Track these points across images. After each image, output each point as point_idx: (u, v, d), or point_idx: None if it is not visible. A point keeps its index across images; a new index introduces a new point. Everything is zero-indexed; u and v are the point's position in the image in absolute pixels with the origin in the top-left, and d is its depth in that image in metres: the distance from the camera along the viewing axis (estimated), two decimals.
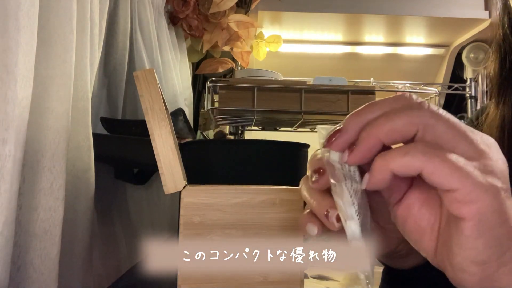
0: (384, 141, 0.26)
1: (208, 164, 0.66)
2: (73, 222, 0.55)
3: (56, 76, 0.49)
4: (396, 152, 0.25)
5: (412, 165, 0.24)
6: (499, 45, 0.55)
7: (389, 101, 0.27)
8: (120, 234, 0.87)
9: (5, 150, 0.38)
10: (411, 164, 0.24)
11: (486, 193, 0.24)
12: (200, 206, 0.35)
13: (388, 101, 0.27)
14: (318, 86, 1.07)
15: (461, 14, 1.33)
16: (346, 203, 0.27)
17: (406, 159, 0.24)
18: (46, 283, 0.45)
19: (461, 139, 0.25)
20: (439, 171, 0.24)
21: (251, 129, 1.40)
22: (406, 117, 0.25)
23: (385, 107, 0.27)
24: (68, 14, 0.51)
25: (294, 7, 1.32)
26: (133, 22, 0.90)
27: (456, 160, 0.24)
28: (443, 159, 0.24)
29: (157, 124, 0.34)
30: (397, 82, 1.42)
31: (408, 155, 0.24)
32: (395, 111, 0.26)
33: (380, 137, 0.26)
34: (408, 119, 0.25)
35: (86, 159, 0.57)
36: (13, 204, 0.40)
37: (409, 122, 0.25)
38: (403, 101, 0.27)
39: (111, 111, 0.85)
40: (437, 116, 0.25)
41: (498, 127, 0.53)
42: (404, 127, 0.25)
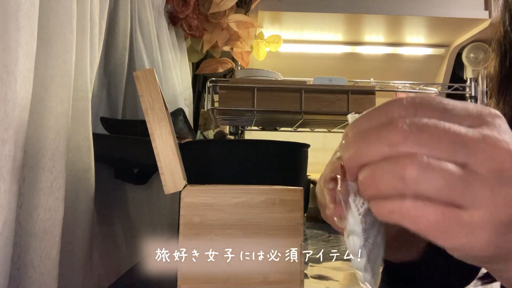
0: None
1: (208, 164, 0.66)
2: (73, 222, 0.55)
3: (56, 76, 0.49)
4: (383, 206, 0.24)
5: (399, 222, 0.23)
6: (499, 43, 0.54)
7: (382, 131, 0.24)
8: (120, 234, 0.87)
9: (5, 150, 0.38)
10: (398, 222, 0.23)
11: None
12: (200, 206, 0.35)
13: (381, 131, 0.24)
14: (318, 86, 1.07)
15: (461, 14, 1.33)
16: (352, 218, 0.26)
17: (392, 218, 0.23)
18: (46, 283, 0.45)
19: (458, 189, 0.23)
20: (427, 231, 0.23)
21: (251, 129, 1.40)
22: (391, 185, 0.23)
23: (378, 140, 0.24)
24: (68, 14, 0.51)
25: (294, 7, 1.32)
26: (133, 22, 0.90)
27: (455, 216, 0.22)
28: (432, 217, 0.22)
29: (157, 124, 0.34)
30: (397, 82, 1.42)
31: (393, 215, 0.23)
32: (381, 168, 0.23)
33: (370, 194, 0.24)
34: (393, 186, 0.23)
35: (86, 159, 0.57)
36: (13, 204, 0.40)
37: (394, 190, 0.23)
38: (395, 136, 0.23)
39: (111, 111, 0.85)
40: (427, 171, 0.22)
41: None
42: (390, 193, 0.23)
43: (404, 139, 0.23)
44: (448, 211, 0.22)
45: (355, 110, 1.03)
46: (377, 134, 0.24)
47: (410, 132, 0.23)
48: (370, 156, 0.24)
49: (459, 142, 0.22)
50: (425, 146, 0.22)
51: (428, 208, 0.22)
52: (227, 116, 1.11)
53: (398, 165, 0.23)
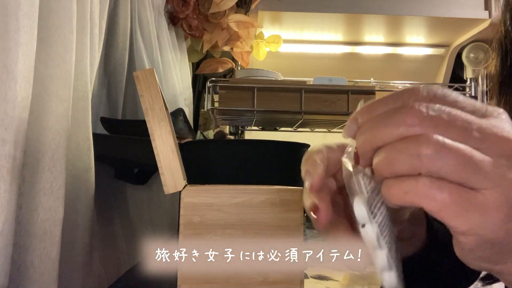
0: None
1: (208, 164, 0.66)
2: (73, 222, 0.55)
3: (56, 76, 0.49)
4: (397, 188, 0.24)
5: (413, 203, 0.23)
6: (500, 43, 0.54)
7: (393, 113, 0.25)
8: (120, 234, 0.87)
9: (5, 150, 0.38)
10: (412, 203, 0.24)
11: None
12: (200, 206, 0.35)
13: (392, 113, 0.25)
14: (318, 86, 1.07)
15: (461, 14, 1.33)
16: (373, 238, 0.25)
17: (406, 199, 0.23)
18: (46, 283, 0.45)
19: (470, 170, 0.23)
20: (440, 211, 0.23)
21: (251, 129, 1.40)
22: (407, 163, 0.23)
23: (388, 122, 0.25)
24: (68, 14, 0.51)
25: (294, 7, 1.32)
26: (133, 22, 0.90)
27: (464, 197, 0.23)
28: (446, 196, 0.23)
29: (157, 124, 0.34)
30: (397, 82, 1.42)
31: (408, 195, 0.23)
32: (395, 147, 0.24)
33: (386, 175, 0.25)
34: (409, 164, 0.23)
35: (86, 159, 0.57)
36: (13, 204, 0.40)
37: (410, 167, 0.23)
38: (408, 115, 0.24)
39: (111, 111, 0.85)
40: (442, 150, 0.23)
41: None
42: (406, 171, 0.24)
43: (420, 120, 0.23)
44: (463, 191, 0.23)
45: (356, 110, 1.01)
46: (394, 116, 0.24)
47: (427, 114, 0.23)
48: (387, 137, 0.24)
49: (471, 127, 0.23)
50: (440, 128, 0.23)
51: (443, 188, 0.23)
52: (227, 116, 1.11)
53: (415, 144, 0.23)
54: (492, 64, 0.56)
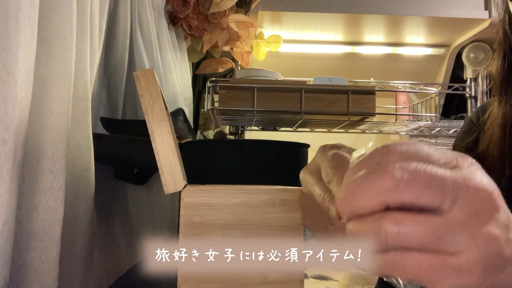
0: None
1: (208, 164, 0.66)
2: (73, 222, 0.55)
3: (56, 76, 0.49)
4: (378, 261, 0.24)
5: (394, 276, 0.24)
6: (500, 44, 0.55)
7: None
8: (120, 234, 0.87)
9: (5, 150, 0.38)
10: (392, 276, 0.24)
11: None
12: (200, 206, 0.35)
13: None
14: (318, 86, 1.06)
15: (461, 14, 1.33)
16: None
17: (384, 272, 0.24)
18: (46, 283, 0.45)
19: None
20: (424, 281, 0.23)
21: (251, 129, 1.40)
22: (378, 241, 0.23)
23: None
24: (68, 14, 0.51)
25: (294, 7, 1.32)
26: (133, 22, 0.90)
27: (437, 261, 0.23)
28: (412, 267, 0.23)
29: (157, 124, 0.34)
30: (397, 82, 1.42)
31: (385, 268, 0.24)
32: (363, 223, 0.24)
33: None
34: (381, 242, 0.23)
35: (86, 159, 0.57)
36: (13, 204, 0.40)
37: (380, 243, 0.24)
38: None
39: (111, 111, 0.85)
40: (409, 226, 0.23)
41: (500, 126, 0.54)
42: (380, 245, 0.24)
43: (395, 186, 0.23)
44: (434, 258, 0.23)
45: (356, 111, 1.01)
46: (368, 183, 0.24)
47: (401, 178, 0.23)
48: (363, 207, 0.24)
49: (436, 184, 0.23)
50: (413, 192, 0.23)
51: (414, 258, 0.23)
52: (227, 116, 1.11)
53: (378, 223, 0.23)
54: (493, 65, 0.56)
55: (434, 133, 1.46)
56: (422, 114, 1.34)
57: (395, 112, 1.23)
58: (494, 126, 0.55)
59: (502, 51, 0.55)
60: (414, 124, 1.30)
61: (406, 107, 1.53)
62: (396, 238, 0.23)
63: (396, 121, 1.18)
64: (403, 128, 1.32)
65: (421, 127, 1.39)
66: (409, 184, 0.23)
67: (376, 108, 1.06)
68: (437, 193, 0.23)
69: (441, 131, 1.47)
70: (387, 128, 1.29)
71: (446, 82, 1.57)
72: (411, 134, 1.47)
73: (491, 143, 0.55)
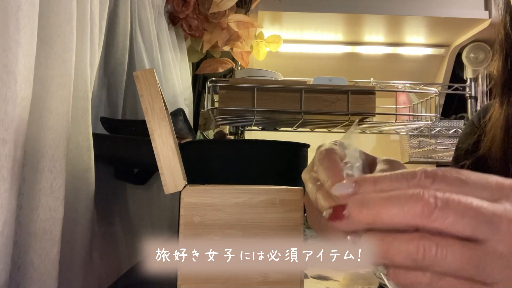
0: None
1: (208, 164, 0.66)
2: (73, 222, 0.55)
3: (56, 76, 0.49)
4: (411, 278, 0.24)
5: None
6: (501, 45, 0.54)
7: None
8: (120, 234, 0.87)
9: (5, 150, 0.38)
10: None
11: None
12: (200, 206, 0.35)
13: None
14: (318, 86, 1.06)
15: (461, 14, 1.33)
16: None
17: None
18: (46, 283, 0.45)
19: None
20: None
21: (251, 129, 1.40)
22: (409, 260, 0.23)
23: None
24: (68, 14, 0.51)
25: (294, 7, 1.32)
26: (133, 22, 0.90)
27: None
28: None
29: (157, 124, 0.34)
30: (397, 82, 1.42)
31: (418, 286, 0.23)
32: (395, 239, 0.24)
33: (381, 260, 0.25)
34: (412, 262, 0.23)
35: (86, 159, 0.57)
36: (13, 204, 0.40)
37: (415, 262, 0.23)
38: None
39: (111, 111, 0.85)
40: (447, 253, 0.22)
41: (502, 127, 0.53)
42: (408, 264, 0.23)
43: (428, 212, 0.23)
44: (469, 286, 0.22)
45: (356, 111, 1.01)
46: (401, 201, 0.23)
47: (435, 206, 0.23)
48: (390, 221, 0.24)
49: (481, 217, 0.22)
50: (447, 221, 0.22)
51: (450, 283, 0.22)
52: (227, 116, 1.11)
53: (418, 242, 0.23)
54: (494, 66, 0.56)
55: (434, 133, 1.46)
56: (422, 114, 1.34)
57: (395, 112, 1.23)
58: (496, 128, 0.55)
59: (503, 52, 0.54)
60: (414, 124, 1.31)
61: (406, 107, 1.53)
62: (435, 262, 0.22)
63: (396, 121, 1.18)
64: (403, 128, 1.32)
65: (421, 127, 1.39)
66: (443, 211, 0.22)
67: (376, 108, 1.06)
68: (470, 223, 0.22)
69: (441, 131, 1.47)
70: (387, 128, 1.29)
71: (446, 82, 1.57)
72: (411, 134, 1.47)
73: (493, 145, 0.54)
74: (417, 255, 0.23)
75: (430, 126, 1.42)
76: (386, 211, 0.24)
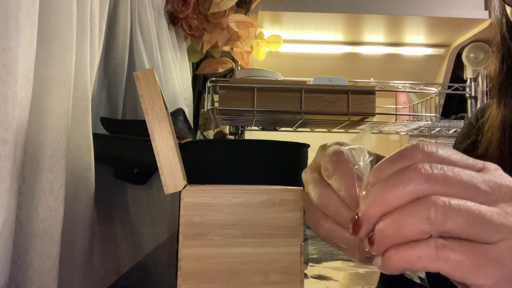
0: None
1: (208, 164, 0.66)
2: (73, 222, 0.55)
3: (56, 76, 0.49)
4: (409, 253, 0.23)
5: (427, 267, 0.23)
6: (498, 47, 0.55)
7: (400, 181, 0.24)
8: (120, 234, 0.87)
9: (5, 150, 0.38)
10: (425, 267, 0.23)
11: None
12: (200, 206, 0.35)
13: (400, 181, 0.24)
14: (318, 86, 1.06)
15: (461, 14, 1.33)
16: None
17: (420, 264, 0.23)
18: (46, 283, 0.45)
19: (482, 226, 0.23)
20: (457, 270, 0.23)
21: (251, 129, 1.40)
22: (417, 227, 0.23)
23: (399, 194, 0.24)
24: (68, 14, 0.51)
25: (294, 7, 1.32)
26: (133, 22, 0.90)
27: (475, 252, 0.23)
28: (460, 255, 0.23)
29: (157, 124, 0.34)
30: (397, 82, 1.42)
31: (421, 260, 0.23)
32: (405, 213, 0.24)
33: (395, 241, 0.24)
34: (419, 228, 0.23)
35: (86, 159, 0.57)
36: (13, 204, 0.40)
37: (420, 231, 0.23)
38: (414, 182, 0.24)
39: (111, 111, 0.85)
40: (451, 211, 0.23)
41: (499, 128, 0.54)
42: (416, 235, 0.23)
43: (426, 179, 0.24)
44: (476, 247, 0.23)
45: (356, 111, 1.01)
46: (400, 177, 0.24)
47: (432, 173, 0.24)
48: (396, 199, 0.24)
49: (476, 182, 0.24)
50: (446, 186, 0.23)
51: (456, 248, 0.23)
52: (227, 116, 1.11)
53: (423, 207, 0.23)
54: (492, 67, 0.56)
55: (434, 133, 1.46)
56: (422, 114, 1.34)
57: (395, 112, 1.23)
58: (493, 128, 0.55)
59: (500, 54, 0.55)
60: (414, 124, 1.31)
61: (406, 107, 1.53)
62: (441, 224, 0.23)
63: (396, 121, 1.18)
64: (403, 128, 1.33)
65: (421, 127, 1.39)
66: (445, 179, 0.24)
67: (376, 108, 1.06)
68: (475, 189, 0.24)
69: (441, 131, 1.47)
70: (387, 128, 1.29)
71: (446, 82, 1.57)
72: (411, 134, 1.47)
73: (491, 146, 0.55)
74: (425, 219, 0.23)
75: (430, 126, 1.43)
76: (390, 192, 0.24)
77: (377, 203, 0.25)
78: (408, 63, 1.61)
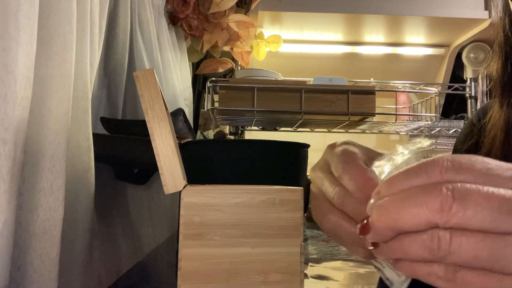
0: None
1: (208, 164, 0.66)
2: (73, 222, 0.55)
3: (56, 76, 0.49)
4: (427, 269, 0.23)
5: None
6: (501, 46, 0.54)
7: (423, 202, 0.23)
8: (120, 234, 0.87)
9: (5, 150, 0.38)
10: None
11: None
12: (200, 206, 0.35)
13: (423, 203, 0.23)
14: (318, 86, 1.07)
15: (461, 14, 1.33)
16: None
17: (434, 282, 0.23)
18: (46, 283, 0.45)
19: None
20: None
21: (251, 129, 1.40)
22: (430, 252, 0.23)
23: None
24: (68, 14, 0.51)
25: (294, 7, 1.32)
26: (133, 22, 0.90)
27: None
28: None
29: (157, 124, 0.34)
30: (397, 82, 1.42)
31: (433, 279, 0.23)
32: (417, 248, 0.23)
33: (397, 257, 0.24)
34: (433, 253, 0.23)
35: (86, 159, 0.57)
36: (13, 204, 0.40)
37: (434, 255, 0.23)
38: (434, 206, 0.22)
39: (111, 111, 0.85)
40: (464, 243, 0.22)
41: (503, 129, 0.53)
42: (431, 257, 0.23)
43: (447, 207, 0.22)
44: (490, 278, 0.22)
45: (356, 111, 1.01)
46: (417, 199, 0.23)
47: (453, 199, 0.22)
48: (409, 223, 0.23)
49: (505, 209, 0.22)
50: (466, 213, 0.22)
51: (466, 275, 0.22)
52: (227, 116, 1.11)
53: (432, 232, 0.22)
54: (493, 67, 0.56)
55: (434, 133, 1.46)
56: (422, 114, 1.34)
57: (395, 112, 1.23)
58: (496, 129, 0.54)
59: (502, 54, 0.54)
60: (414, 124, 1.31)
61: (406, 107, 1.53)
62: (448, 248, 0.22)
63: (396, 121, 1.18)
64: (403, 128, 1.33)
65: (421, 127, 1.39)
66: (462, 204, 0.22)
67: (376, 108, 1.06)
68: (491, 215, 0.22)
69: (441, 131, 1.47)
70: (387, 128, 1.29)
71: (446, 82, 1.57)
72: (411, 134, 1.47)
73: (494, 147, 0.54)
74: (432, 243, 0.22)
75: (430, 126, 1.43)
76: (405, 213, 0.23)
77: (390, 220, 0.24)
78: (408, 63, 1.61)
